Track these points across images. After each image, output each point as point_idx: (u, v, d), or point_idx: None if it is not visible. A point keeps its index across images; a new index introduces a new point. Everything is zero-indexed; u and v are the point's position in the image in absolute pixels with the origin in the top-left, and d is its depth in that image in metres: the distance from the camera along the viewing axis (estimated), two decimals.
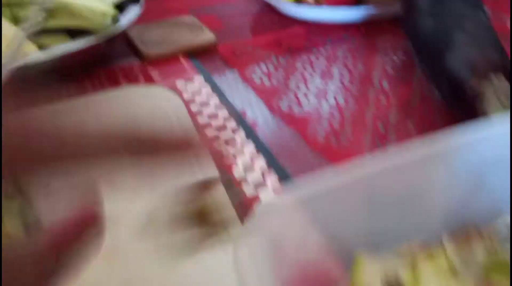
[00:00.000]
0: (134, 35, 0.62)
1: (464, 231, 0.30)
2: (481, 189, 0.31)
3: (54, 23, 0.49)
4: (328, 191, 0.27)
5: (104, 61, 0.58)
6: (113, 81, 0.55)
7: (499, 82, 0.42)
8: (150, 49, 0.59)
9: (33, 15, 0.46)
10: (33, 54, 0.46)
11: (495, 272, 0.28)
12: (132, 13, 0.55)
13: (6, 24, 0.47)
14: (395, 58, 0.57)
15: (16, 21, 0.48)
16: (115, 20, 0.54)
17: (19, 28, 0.46)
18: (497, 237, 0.30)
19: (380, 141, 0.44)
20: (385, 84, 0.53)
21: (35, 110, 0.29)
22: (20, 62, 0.45)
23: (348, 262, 0.28)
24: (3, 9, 0.48)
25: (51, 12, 0.48)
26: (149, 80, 0.55)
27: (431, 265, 0.28)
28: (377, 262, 0.29)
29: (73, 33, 0.51)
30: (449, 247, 0.29)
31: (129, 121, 0.39)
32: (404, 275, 0.28)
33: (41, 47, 0.48)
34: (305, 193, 0.27)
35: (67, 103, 0.50)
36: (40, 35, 0.48)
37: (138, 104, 0.50)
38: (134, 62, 0.59)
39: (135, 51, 0.61)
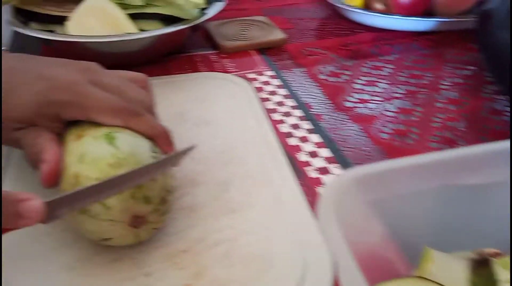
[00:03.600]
0: (212, 28, 0.67)
1: None
2: None
3: (151, 10, 0.55)
4: (395, 176, 0.29)
5: (186, 48, 0.63)
6: (193, 67, 0.60)
7: None
8: (226, 42, 0.64)
9: (135, 1, 0.52)
10: (134, 34, 0.52)
11: None
12: (217, 7, 0.60)
13: (112, 6, 0.53)
14: (464, 70, 0.59)
15: (121, 5, 0.54)
16: (202, 11, 0.59)
17: (123, 11, 0.52)
18: None
19: (449, 147, 0.46)
20: (454, 94, 0.55)
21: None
22: (123, 38, 0.50)
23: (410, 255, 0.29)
24: None
25: (150, 0, 0.54)
26: (224, 69, 0.60)
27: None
28: (448, 259, 0.28)
29: (164, 20, 0.57)
30: None
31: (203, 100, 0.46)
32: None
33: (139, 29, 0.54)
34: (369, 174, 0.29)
35: (153, 79, 0.56)
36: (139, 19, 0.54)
37: (214, 87, 0.55)
38: (211, 53, 0.64)
39: (212, 43, 0.66)
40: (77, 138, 0.33)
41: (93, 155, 0.31)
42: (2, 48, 0.39)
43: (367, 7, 0.70)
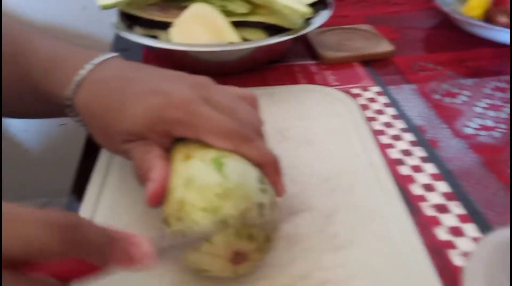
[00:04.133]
0: (312, 37, 0.64)
1: None
2: None
3: (254, 18, 0.52)
4: None
5: (284, 57, 0.60)
6: (291, 78, 0.56)
7: None
8: (327, 53, 0.60)
9: (239, 9, 0.49)
10: (237, 45, 0.50)
11: None
12: (323, 16, 0.56)
13: (216, 14, 0.51)
14: None
15: (224, 12, 0.52)
16: (307, 20, 0.55)
17: (226, 19, 0.50)
18: None
19: None
20: None
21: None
22: (226, 48, 0.49)
23: None
24: (214, 0, 0.52)
25: (253, 8, 0.51)
26: (325, 81, 0.56)
27: None
28: None
29: (266, 28, 0.54)
30: None
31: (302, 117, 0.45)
32: None
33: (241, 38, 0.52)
34: None
35: (251, 90, 0.53)
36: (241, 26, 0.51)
37: (316, 102, 0.51)
38: (311, 63, 0.60)
39: (311, 53, 0.62)
40: (185, 159, 0.32)
41: (201, 182, 0.29)
42: (114, 54, 0.39)
43: (489, 19, 0.63)
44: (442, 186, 0.40)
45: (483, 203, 0.38)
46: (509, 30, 0.59)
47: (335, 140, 0.45)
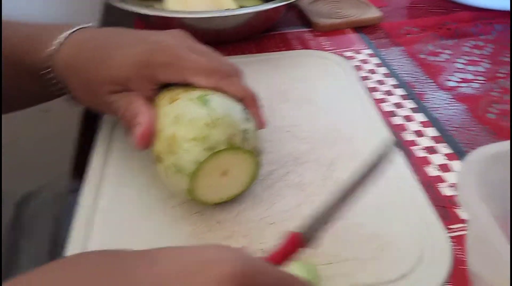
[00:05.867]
0: (304, 7, 0.67)
1: None
2: None
3: None
4: None
5: (278, 26, 0.64)
6: (287, 45, 0.60)
7: None
8: (320, 20, 0.64)
9: None
10: (235, 10, 0.53)
11: None
12: None
13: None
14: None
15: None
16: None
17: None
18: None
19: None
20: None
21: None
22: (224, 14, 0.52)
23: None
24: None
25: None
26: (319, 47, 0.60)
27: None
28: None
29: None
30: None
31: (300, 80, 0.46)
32: None
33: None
34: None
35: (249, 57, 0.57)
36: None
37: (313, 65, 0.55)
38: (305, 31, 0.64)
39: (305, 21, 0.66)
40: (171, 102, 0.35)
41: (190, 116, 0.33)
42: (90, 24, 0.41)
43: None
44: (431, 132, 0.45)
45: (466, 143, 0.43)
46: None
47: (333, 98, 0.49)
